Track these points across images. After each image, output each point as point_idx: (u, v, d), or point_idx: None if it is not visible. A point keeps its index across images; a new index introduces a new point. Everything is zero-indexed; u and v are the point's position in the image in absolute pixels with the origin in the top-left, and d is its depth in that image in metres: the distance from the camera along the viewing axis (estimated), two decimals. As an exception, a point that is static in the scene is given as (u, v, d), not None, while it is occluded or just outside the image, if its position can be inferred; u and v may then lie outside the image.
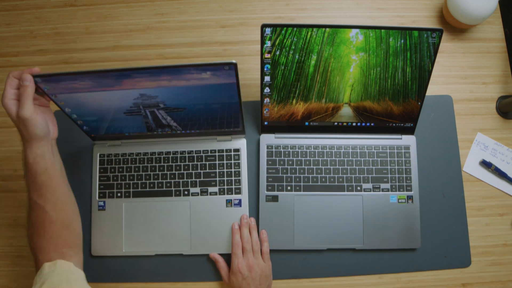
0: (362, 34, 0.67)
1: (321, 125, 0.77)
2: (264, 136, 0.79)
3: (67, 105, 0.67)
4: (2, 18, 0.90)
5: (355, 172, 0.77)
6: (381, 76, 0.71)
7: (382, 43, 0.68)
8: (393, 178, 0.77)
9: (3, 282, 0.77)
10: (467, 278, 0.76)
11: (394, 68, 0.70)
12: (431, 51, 0.69)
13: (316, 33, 0.67)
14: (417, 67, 0.70)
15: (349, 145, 0.78)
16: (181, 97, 0.66)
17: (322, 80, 0.71)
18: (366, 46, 0.68)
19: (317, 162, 0.77)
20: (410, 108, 0.74)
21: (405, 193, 0.76)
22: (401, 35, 0.67)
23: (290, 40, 0.67)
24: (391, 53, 0.69)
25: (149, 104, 0.67)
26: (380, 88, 0.72)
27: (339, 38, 0.68)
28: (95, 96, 0.65)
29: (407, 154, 0.78)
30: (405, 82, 0.72)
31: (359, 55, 0.69)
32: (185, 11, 0.89)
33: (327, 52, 0.69)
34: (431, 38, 0.67)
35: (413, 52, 0.69)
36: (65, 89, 0.62)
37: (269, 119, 0.76)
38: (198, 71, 0.59)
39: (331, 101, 0.74)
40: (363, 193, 0.76)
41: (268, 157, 0.77)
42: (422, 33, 0.67)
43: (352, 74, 0.71)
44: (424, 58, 0.69)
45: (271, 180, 0.77)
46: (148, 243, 0.75)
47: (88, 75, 0.60)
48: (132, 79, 0.60)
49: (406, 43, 0.68)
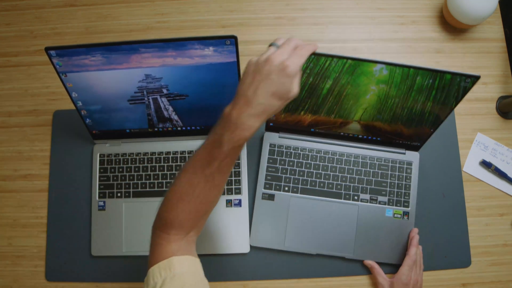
0: (387, 69, 0.61)
1: (327, 133, 0.77)
2: (268, 134, 0.78)
3: (75, 89, 0.69)
4: (2, 18, 0.90)
5: (354, 181, 0.77)
6: (398, 105, 0.68)
7: (407, 80, 0.63)
8: (392, 192, 0.77)
9: (3, 282, 0.77)
10: (467, 278, 0.76)
11: (414, 101, 0.66)
12: (459, 93, 0.64)
13: (336, 63, 0.61)
14: (439, 103, 0.66)
15: (352, 154, 0.78)
16: (184, 80, 0.68)
17: (335, 101, 0.69)
18: (389, 80, 0.63)
19: (317, 166, 0.77)
20: (421, 132, 0.73)
21: (401, 209, 0.76)
22: (431, 76, 0.62)
23: (306, 65, 0.62)
24: (415, 89, 0.64)
25: (153, 88, 0.69)
26: (394, 115, 0.70)
27: (360, 70, 0.62)
28: (102, 76, 0.67)
29: (408, 170, 0.77)
30: (422, 113, 0.69)
31: (379, 86, 0.65)
32: (185, 11, 0.89)
33: (344, 80, 0.64)
34: (464, 82, 0.62)
35: (439, 91, 0.64)
36: (76, 66, 0.65)
37: (274, 121, 0.76)
38: (201, 45, 0.63)
39: (341, 117, 0.72)
40: (360, 203, 0.76)
41: (270, 155, 0.77)
42: (455, 77, 0.61)
43: (367, 100, 0.68)
44: (450, 98, 0.65)
45: (269, 178, 0.77)
46: (148, 243, 0.75)
47: (101, 48, 0.63)
48: (140, 54, 0.64)
49: (434, 83, 0.63)
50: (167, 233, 0.52)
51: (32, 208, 0.80)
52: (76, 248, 0.77)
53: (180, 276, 0.48)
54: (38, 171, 0.82)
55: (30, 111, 0.85)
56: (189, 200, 0.51)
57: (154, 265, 0.50)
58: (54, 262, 0.77)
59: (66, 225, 0.78)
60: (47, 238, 0.78)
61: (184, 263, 0.51)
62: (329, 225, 0.75)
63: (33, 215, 0.80)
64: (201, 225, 0.56)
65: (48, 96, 0.85)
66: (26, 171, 0.82)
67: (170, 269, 0.49)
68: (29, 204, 0.80)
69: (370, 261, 0.74)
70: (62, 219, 0.79)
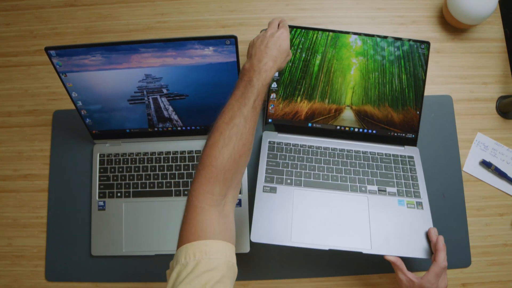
0: (360, 40, 0.75)
1: (324, 128, 0.78)
2: (267, 133, 0.78)
3: (75, 88, 0.70)
4: (2, 18, 0.90)
5: (359, 174, 0.74)
6: (379, 81, 0.76)
7: (378, 49, 0.76)
8: (399, 183, 0.74)
9: (3, 282, 0.77)
10: (467, 278, 0.76)
11: (391, 74, 0.76)
12: (422, 61, 0.76)
13: (321, 36, 0.76)
14: (411, 75, 0.76)
15: (352, 150, 0.77)
16: (184, 80, 0.68)
17: (326, 80, 0.76)
18: (364, 51, 0.76)
19: (319, 160, 0.75)
20: (409, 116, 0.77)
21: (413, 199, 0.72)
22: (394, 44, 0.75)
23: (299, 40, 0.75)
24: (387, 59, 0.76)
25: (153, 88, 0.69)
26: (379, 93, 0.77)
27: (340, 42, 0.75)
28: (102, 76, 0.67)
29: (411, 162, 0.76)
30: (402, 89, 0.76)
31: (359, 59, 0.76)
32: (185, 11, 0.89)
33: (330, 54, 0.76)
34: (421, 49, 0.75)
35: (406, 61, 0.76)
36: (76, 66, 0.66)
37: (273, 116, 0.77)
38: (201, 45, 0.64)
39: (334, 102, 0.77)
40: (368, 194, 0.72)
41: (270, 151, 0.75)
42: (412, 44, 0.75)
43: (353, 76, 0.76)
44: (417, 67, 0.76)
45: (270, 172, 0.73)
46: (148, 243, 0.75)
47: (101, 48, 0.64)
48: (140, 54, 0.64)
49: (399, 51, 0.75)
50: (206, 191, 0.51)
51: (32, 208, 0.80)
52: (76, 248, 0.77)
53: (217, 266, 0.47)
54: (38, 171, 0.82)
55: (30, 111, 0.85)
56: (230, 140, 0.53)
57: (187, 244, 0.49)
58: (54, 262, 0.77)
59: (66, 225, 0.78)
60: (47, 238, 0.78)
61: (221, 250, 0.49)
62: (340, 218, 0.69)
63: (33, 215, 0.80)
64: (238, 183, 0.56)
65: (48, 96, 0.85)
66: (26, 171, 0.82)
67: (206, 253, 0.48)
68: (29, 204, 0.80)
69: (391, 256, 0.66)
70: (62, 219, 0.79)
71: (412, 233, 0.69)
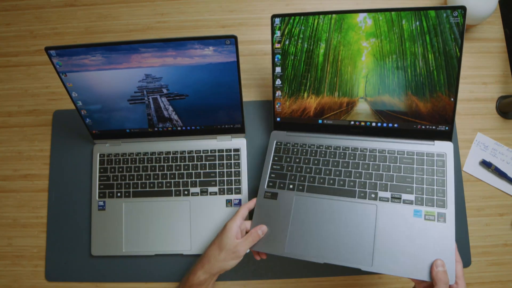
0: (370, 18, 0.62)
1: (336, 124, 0.70)
2: (276, 132, 0.74)
3: (75, 88, 0.70)
4: (2, 18, 0.90)
5: (370, 177, 0.65)
6: (398, 65, 0.63)
7: (394, 27, 0.61)
8: (420, 189, 0.62)
9: (3, 282, 0.77)
10: (467, 278, 0.76)
11: (413, 55, 0.62)
12: (456, 33, 0.59)
13: (323, 20, 0.65)
14: (441, 53, 0.61)
15: (367, 148, 0.67)
16: (184, 80, 0.68)
17: (333, 70, 0.67)
18: (376, 31, 0.62)
19: (327, 162, 0.68)
20: (441, 105, 0.63)
21: (434, 209, 0.61)
22: (415, 17, 0.59)
23: (298, 28, 0.67)
24: (407, 37, 0.61)
25: (153, 88, 0.69)
26: (399, 80, 0.64)
27: (346, 24, 0.64)
28: (102, 76, 0.67)
29: (440, 162, 0.64)
30: (429, 72, 0.62)
31: (370, 42, 0.63)
32: (185, 11, 0.89)
33: (335, 40, 0.65)
34: (453, 17, 0.58)
35: (433, 36, 0.60)
36: (76, 65, 0.66)
37: (281, 114, 0.73)
38: (201, 45, 0.63)
39: (345, 95, 0.68)
40: (378, 202, 0.63)
41: (276, 153, 0.72)
42: (440, 13, 0.58)
43: (364, 63, 0.65)
44: (448, 42, 0.60)
45: (273, 176, 0.70)
46: (148, 243, 0.75)
47: (100, 48, 0.64)
48: (140, 54, 0.64)
49: (422, 26, 0.60)
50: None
51: (32, 208, 0.80)
52: (76, 248, 0.77)
53: None
54: (38, 171, 0.82)
55: (30, 111, 0.85)
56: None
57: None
58: (54, 262, 0.77)
59: (66, 225, 0.78)
60: (47, 238, 0.78)
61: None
62: (341, 228, 0.62)
63: (33, 215, 0.80)
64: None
65: (48, 96, 0.85)
66: (26, 171, 0.82)
67: None
68: (29, 204, 0.80)
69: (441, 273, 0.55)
70: (62, 219, 0.79)
71: (425, 250, 0.58)
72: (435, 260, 0.57)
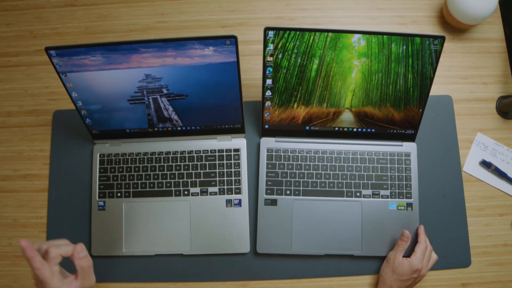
0: (364, 39, 0.67)
1: (322, 130, 0.77)
2: (265, 139, 0.78)
3: (75, 88, 0.70)
4: (2, 18, 0.90)
5: (354, 178, 0.77)
6: (382, 82, 0.71)
7: (384, 49, 0.68)
8: (393, 185, 0.76)
9: (3, 282, 0.77)
10: (467, 278, 0.76)
11: (396, 75, 0.70)
12: (433, 58, 0.69)
13: (318, 38, 0.67)
14: (418, 73, 0.70)
15: (349, 151, 0.78)
16: (184, 80, 0.68)
17: (324, 85, 0.72)
18: (368, 51, 0.68)
19: (316, 167, 0.77)
20: (411, 115, 0.74)
21: (404, 200, 0.76)
22: (403, 41, 0.67)
23: (293, 44, 0.67)
24: (393, 59, 0.69)
25: (153, 88, 0.69)
26: (381, 94, 0.73)
27: (341, 43, 0.67)
28: (102, 76, 0.67)
29: (407, 161, 0.77)
30: (406, 89, 0.72)
31: (361, 61, 0.69)
32: (185, 11, 0.89)
33: (329, 57, 0.69)
34: (433, 45, 0.67)
35: (415, 59, 0.69)
36: (76, 66, 0.66)
37: (270, 122, 0.76)
38: (201, 45, 0.63)
39: (332, 106, 0.74)
40: (363, 199, 0.76)
41: (268, 160, 0.77)
42: (424, 40, 0.67)
43: (353, 79, 0.71)
44: (426, 65, 0.69)
45: (270, 183, 0.76)
46: (148, 243, 0.75)
47: (101, 48, 0.64)
48: (140, 54, 0.64)
49: (408, 50, 0.68)
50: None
51: (32, 208, 0.80)
52: (76, 248, 0.77)
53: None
54: (38, 171, 0.82)
55: (30, 111, 0.85)
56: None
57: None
58: (54, 262, 0.77)
59: (66, 225, 0.78)
60: (47, 238, 0.78)
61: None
62: (335, 224, 0.75)
63: (33, 215, 0.80)
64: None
65: (48, 96, 0.85)
66: (26, 171, 0.82)
67: None
68: (29, 204, 0.80)
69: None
70: (62, 219, 0.79)
71: (399, 233, 0.75)
72: (404, 230, 0.74)
